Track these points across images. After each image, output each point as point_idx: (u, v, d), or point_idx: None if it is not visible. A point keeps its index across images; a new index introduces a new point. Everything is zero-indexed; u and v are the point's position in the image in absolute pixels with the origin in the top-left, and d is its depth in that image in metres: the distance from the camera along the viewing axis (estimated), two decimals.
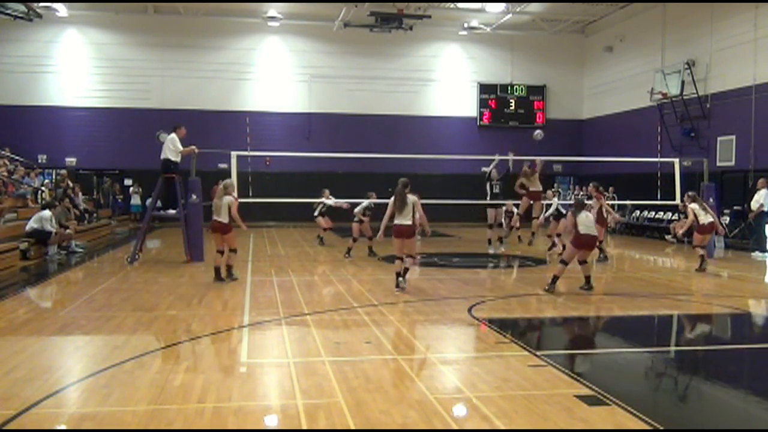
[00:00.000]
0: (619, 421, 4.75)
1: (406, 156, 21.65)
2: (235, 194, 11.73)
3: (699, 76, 21.60)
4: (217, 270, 11.29)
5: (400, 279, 10.32)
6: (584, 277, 10.51)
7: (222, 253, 11.38)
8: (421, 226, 10.74)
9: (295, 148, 25.47)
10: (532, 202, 15.13)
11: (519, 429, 4.60)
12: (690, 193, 14.03)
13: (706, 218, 13.29)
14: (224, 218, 11.25)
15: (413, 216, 10.17)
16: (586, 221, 10.23)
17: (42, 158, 25.62)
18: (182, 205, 13.83)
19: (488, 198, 16.60)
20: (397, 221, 10.17)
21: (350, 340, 7.27)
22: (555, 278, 10.31)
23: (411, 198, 10.16)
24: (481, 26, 27.60)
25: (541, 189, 15.25)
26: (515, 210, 17.81)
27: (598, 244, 12.81)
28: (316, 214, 17.58)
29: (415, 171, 23.72)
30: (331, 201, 16.74)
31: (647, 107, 24.05)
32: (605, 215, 14.15)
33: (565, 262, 10.33)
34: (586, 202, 11.80)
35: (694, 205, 13.43)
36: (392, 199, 10.27)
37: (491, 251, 16.24)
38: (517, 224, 18.48)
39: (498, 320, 8.41)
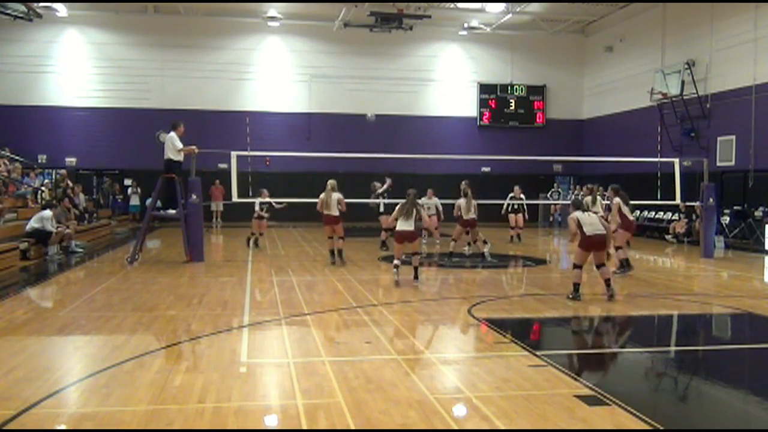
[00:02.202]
0: (619, 421, 4.75)
1: (406, 156, 21.67)
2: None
3: (699, 76, 21.61)
4: (332, 251, 13.71)
5: (396, 278, 11.00)
6: (604, 281, 9.73)
7: (332, 238, 13.59)
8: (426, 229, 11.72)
9: (295, 148, 25.48)
10: (467, 229, 15.16)
11: (519, 429, 4.60)
12: (613, 186, 13.22)
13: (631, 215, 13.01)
14: (335, 212, 13.23)
15: (414, 222, 11.10)
16: (590, 220, 9.63)
17: (42, 158, 25.64)
18: (182, 205, 13.82)
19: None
20: (400, 227, 10.98)
21: (350, 340, 7.27)
22: (576, 285, 9.67)
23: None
24: (481, 26, 27.62)
25: (474, 217, 14.98)
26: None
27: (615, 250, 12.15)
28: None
29: (415, 171, 23.79)
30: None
31: (647, 107, 24.06)
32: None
33: (578, 266, 9.66)
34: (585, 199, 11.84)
35: (618, 200, 12.61)
36: (401, 205, 11.17)
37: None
38: (521, 223, 18.55)
39: (498, 320, 8.40)
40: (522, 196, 19.11)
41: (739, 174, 20.29)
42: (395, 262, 11.08)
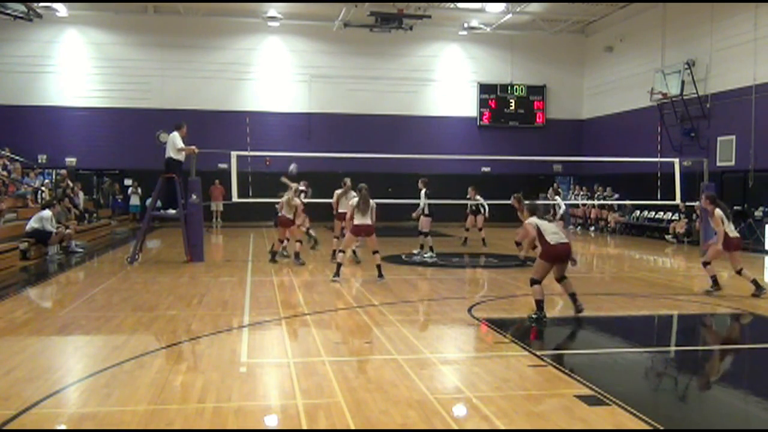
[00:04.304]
0: (619, 421, 4.75)
1: (406, 156, 21.66)
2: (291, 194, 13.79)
3: (699, 76, 21.60)
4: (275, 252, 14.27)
5: (337, 275, 11.38)
6: (569, 296, 8.59)
7: (286, 240, 14.02)
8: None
9: (295, 148, 25.44)
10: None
11: (519, 429, 4.61)
12: (708, 194, 11.12)
13: (732, 229, 10.42)
14: (290, 214, 13.61)
15: (372, 217, 11.43)
16: (552, 228, 8.45)
17: (42, 158, 25.64)
18: (182, 205, 13.82)
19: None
20: (358, 221, 11.30)
21: (350, 340, 7.28)
22: (539, 303, 8.30)
23: (371, 202, 11.42)
24: (481, 26, 27.61)
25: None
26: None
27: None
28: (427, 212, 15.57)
29: (415, 171, 23.71)
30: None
31: (647, 107, 24.04)
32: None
33: (537, 281, 8.34)
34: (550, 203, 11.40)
35: (719, 211, 10.35)
36: (356, 201, 11.51)
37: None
38: (480, 224, 18.12)
39: (498, 320, 8.40)
40: (478, 197, 18.35)
41: (739, 174, 20.28)
42: (339, 258, 11.45)
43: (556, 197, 16.87)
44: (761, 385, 6.03)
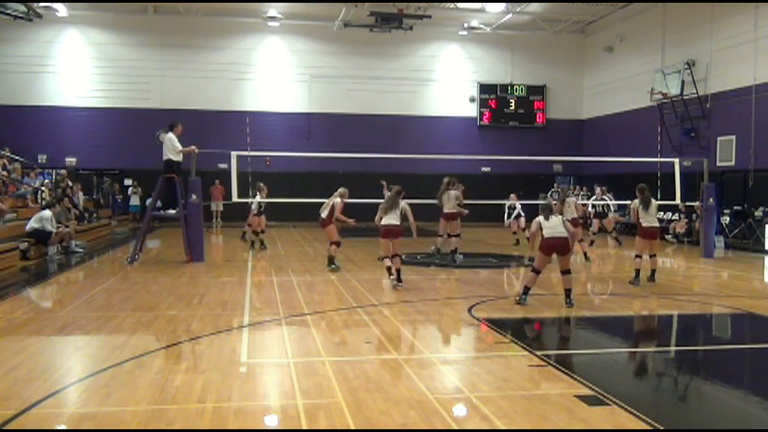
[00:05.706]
0: (619, 421, 4.75)
1: (407, 156, 21.67)
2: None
3: (699, 76, 21.60)
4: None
5: (392, 278, 10.70)
6: (564, 290, 9.20)
7: (337, 244, 12.84)
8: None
9: (295, 148, 25.49)
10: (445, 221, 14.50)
11: (519, 429, 4.61)
12: (639, 186, 12.10)
13: (649, 219, 11.47)
14: (325, 214, 12.56)
15: (403, 218, 10.75)
16: (550, 224, 9.10)
17: (42, 158, 25.63)
18: (182, 205, 13.82)
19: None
20: (385, 222, 10.69)
21: (350, 340, 7.28)
22: (526, 289, 9.28)
23: (402, 204, 10.77)
24: (481, 26, 27.62)
25: (453, 210, 14.39)
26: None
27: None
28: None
29: (416, 171, 23.75)
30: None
31: (647, 107, 24.05)
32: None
33: (536, 271, 9.21)
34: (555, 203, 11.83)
35: (635, 202, 11.71)
36: (384, 202, 11.05)
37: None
38: (521, 225, 18.17)
39: (498, 320, 8.40)
40: (517, 203, 18.34)
41: (739, 174, 20.29)
42: (387, 263, 10.76)
43: (605, 197, 17.48)
44: (761, 385, 6.03)
